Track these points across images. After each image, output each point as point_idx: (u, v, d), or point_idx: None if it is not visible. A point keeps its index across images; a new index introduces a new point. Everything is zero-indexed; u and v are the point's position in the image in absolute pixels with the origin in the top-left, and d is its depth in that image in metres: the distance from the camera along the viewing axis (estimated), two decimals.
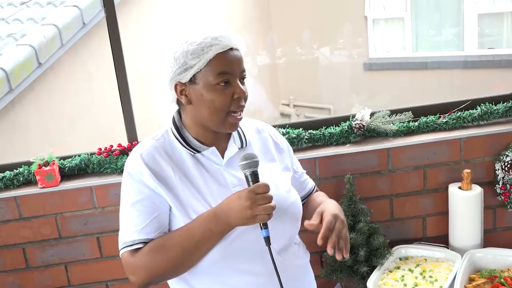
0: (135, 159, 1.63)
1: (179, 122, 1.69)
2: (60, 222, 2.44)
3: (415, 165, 2.48)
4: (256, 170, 1.54)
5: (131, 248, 1.58)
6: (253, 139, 1.77)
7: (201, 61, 1.55)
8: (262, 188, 1.50)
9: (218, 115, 1.59)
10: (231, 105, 1.59)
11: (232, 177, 1.65)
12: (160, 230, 1.59)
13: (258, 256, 1.61)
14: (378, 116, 2.49)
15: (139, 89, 2.78)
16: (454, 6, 7.24)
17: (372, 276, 2.24)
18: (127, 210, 1.61)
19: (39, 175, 2.37)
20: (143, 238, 1.58)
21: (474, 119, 2.50)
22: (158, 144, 1.66)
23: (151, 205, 1.59)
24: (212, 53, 1.55)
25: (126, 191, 1.63)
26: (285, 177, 1.77)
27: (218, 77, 1.56)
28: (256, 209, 1.48)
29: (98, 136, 4.58)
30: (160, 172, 1.61)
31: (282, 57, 7.23)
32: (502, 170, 2.43)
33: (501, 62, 6.47)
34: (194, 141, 1.66)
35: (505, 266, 2.27)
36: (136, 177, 1.61)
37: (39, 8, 5.11)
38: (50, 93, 4.59)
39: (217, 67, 1.56)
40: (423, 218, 2.55)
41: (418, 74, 7.20)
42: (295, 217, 1.72)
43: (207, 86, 1.57)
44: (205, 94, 1.57)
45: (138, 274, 1.57)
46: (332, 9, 6.97)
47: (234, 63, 1.59)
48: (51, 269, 2.50)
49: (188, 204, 1.60)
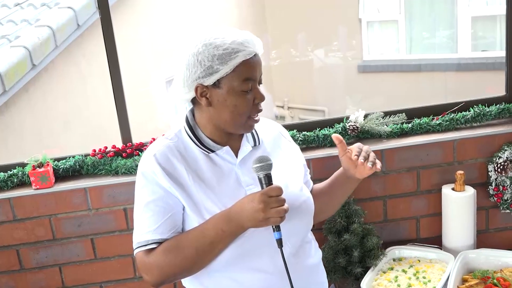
0: (148, 159, 1.63)
1: (193, 121, 1.68)
2: (54, 223, 2.44)
3: (408, 167, 2.49)
4: (269, 173, 1.54)
5: (145, 248, 1.59)
6: (265, 138, 1.78)
7: (228, 67, 1.55)
8: (275, 191, 1.50)
9: (240, 119, 1.61)
10: (252, 109, 1.61)
11: (246, 176, 1.66)
12: (174, 230, 1.60)
13: (269, 254, 1.62)
14: (372, 117, 2.50)
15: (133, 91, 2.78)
16: (447, 9, 7.28)
17: (366, 277, 2.25)
18: (141, 210, 1.62)
19: (33, 176, 2.37)
20: (157, 238, 1.59)
21: (467, 121, 2.52)
22: (171, 144, 1.66)
23: (165, 205, 1.60)
24: (240, 59, 1.55)
25: (140, 191, 1.64)
26: (297, 175, 1.78)
27: (243, 84, 1.57)
28: (269, 212, 1.48)
29: (91, 137, 4.58)
30: (173, 172, 1.61)
31: (277, 59, 7.25)
32: (495, 172, 2.44)
33: (495, 65, 6.51)
34: (208, 141, 1.66)
35: (497, 266, 2.28)
36: (150, 177, 1.61)
37: (33, 9, 5.10)
38: (44, 95, 4.59)
39: (243, 73, 1.57)
40: (417, 219, 2.56)
41: (412, 77, 7.24)
42: (307, 215, 1.74)
43: (232, 91, 1.58)
44: (228, 99, 1.58)
45: (153, 274, 1.59)
46: (327, 12, 7.00)
47: (257, 68, 1.60)
48: (45, 270, 2.49)
49: (202, 204, 1.60)
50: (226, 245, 1.58)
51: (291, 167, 1.79)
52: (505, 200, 2.47)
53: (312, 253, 1.79)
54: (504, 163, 2.41)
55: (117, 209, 2.43)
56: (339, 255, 2.32)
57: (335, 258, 2.33)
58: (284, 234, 1.53)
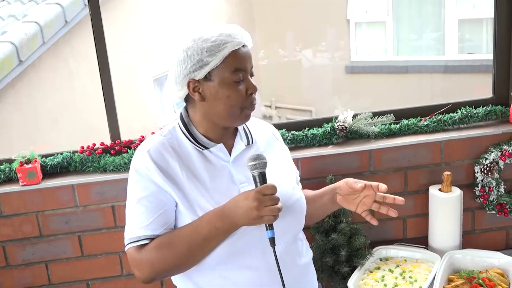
0: (142, 155, 1.63)
1: (187, 118, 1.69)
2: (42, 220, 2.42)
3: (396, 167, 2.50)
4: (264, 171, 1.55)
5: (137, 243, 1.59)
6: (258, 137, 1.79)
7: (217, 58, 1.56)
8: (269, 189, 1.51)
9: (234, 111, 1.61)
10: (246, 100, 1.61)
11: (239, 174, 1.66)
12: (166, 226, 1.60)
13: (261, 252, 1.62)
14: (360, 118, 2.52)
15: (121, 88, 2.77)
16: (435, 11, 7.34)
17: (352, 276, 2.26)
18: (134, 206, 1.62)
19: (20, 172, 2.35)
20: (149, 234, 1.58)
21: (454, 122, 2.54)
22: (165, 140, 1.66)
23: (157, 201, 1.60)
24: (228, 50, 1.56)
25: (132, 187, 1.64)
26: (289, 175, 1.79)
27: (234, 74, 1.58)
28: (262, 210, 1.49)
29: (79, 134, 4.56)
30: (167, 169, 1.61)
31: (265, 59, 7.25)
32: (481, 173, 2.46)
33: (481, 67, 6.56)
34: (202, 137, 1.67)
35: (483, 267, 2.30)
36: (143, 173, 1.61)
37: (21, 5, 5.07)
38: (31, 91, 4.56)
39: (233, 64, 1.58)
40: (404, 219, 2.58)
41: (399, 78, 7.28)
42: (299, 213, 1.74)
43: (223, 83, 1.58)
44: (220, 90, 1.59)
45: (144, 270, 1.58)
46: (315, 12, 7.02)
47: (247, 59, 1.61)
48: (32, 267, 2.48)
49: (195, 201, 1.60)
50: (219, 242, 1.58)
51: (284, 166, 1.80)
52: (491, 201, 2.49)
53: (304, 252, 1.80)
54: (490, 164, 2.43)
55: (105, 206, 2.42)
56: (327, 255, 2.33)
57: (323, 258, 2.34)
58: (277, 233, 1.53)
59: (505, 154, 2.44)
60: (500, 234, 2.61)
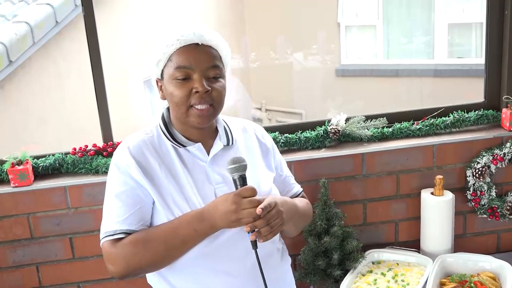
0: (122, 151, 1.65)
1: (168, 118, 1.72)
2: (33, 222, 2.40)
3: (388, 171, 2.51)
4: (244, 174, 1.55)
5: (112, 237, 1.59)
6: (239, 138, 1.79)
7: (164, 56, 1.62)
8: (248, 191, 1.52)
9: (180, 109, 1.62)
10: (191, 99, 1.61)
11: (216, 174, 1.67)
12: (142, 222, 1.60)
13: (236, 257, 1.62)
14: (353, 121, 2.52)
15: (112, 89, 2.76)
16: (425, 15, 7.37)
17: (345, 280, 2.26)
18: (111, 200, 1.62)
19: (12, 174, 2.33)
20: (124, 228, 1.58)
21: (446, 126, 2.55)
22: (146, 138, 1.68)
23: (135, 196, 1.60)
24: (174, 47, 1.61)
25: (111, 181, 1.65)
26: (267, 177, 1.79)
27: (176, 71, 1.61)
28: (241, 213, 1.50)
29: (68, 135, 4.54)
30: (146, 166, 1.62)
31: (256, 61, 7.25)
32: (473, 177, 2.48)
33: (470, 71, 6.61)
34: (180, 137, 1.68)
35: (475, 270, 2.31)
36: (123, 168, 1.62)
37: (11, 5, 5.02)
38: (21, 92, 4.52)
39: (177, 61, 1.61)
40: (396, 222, 2.59)
41: (389, 81, 7.30)
42: None
43: (168, 80, 1.63)
44: (167, 88, 1.63)
45: (118, 265, 1.58)
46: (306, 15, 7.02)
47: (196, 58, 1.61)
48: (22, 269, 2.46)
49: (171, 200, 1.61)
50: (196, 244, 1.58)
51: (262, 168, 1.80)
52: (482, 205, 2.50)
53: (283, 257, 1.81)
54: (482, 168, 2.45)
55: (96, 208, 2.40)
56: (319, 258, 2.33)
57: (315, 261, 2.34)
58: None
59: (496, 158, 2.45)
60: (491, 238, 2.63)
